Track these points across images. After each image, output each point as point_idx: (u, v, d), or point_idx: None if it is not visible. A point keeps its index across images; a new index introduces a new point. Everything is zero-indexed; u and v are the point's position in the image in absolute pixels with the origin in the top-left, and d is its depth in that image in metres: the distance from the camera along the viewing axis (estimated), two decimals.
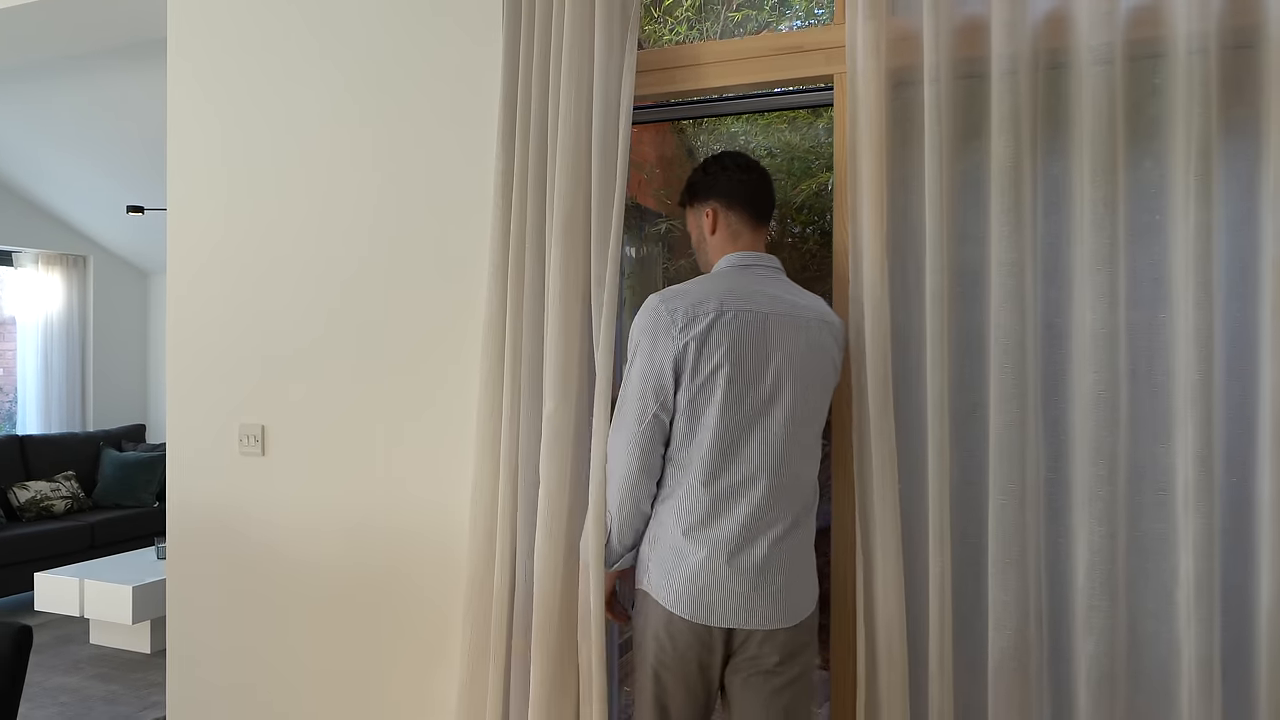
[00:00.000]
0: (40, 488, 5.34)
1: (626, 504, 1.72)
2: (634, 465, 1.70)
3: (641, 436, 1.70)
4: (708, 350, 1.66)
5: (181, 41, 2.59)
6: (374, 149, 2.34)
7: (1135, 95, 1.74)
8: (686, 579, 1.65)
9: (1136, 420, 1.74)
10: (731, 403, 1.67)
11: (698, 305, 1.68)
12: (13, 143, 5.59)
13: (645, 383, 1.69)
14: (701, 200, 1.86)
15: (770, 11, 2.90)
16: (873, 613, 1.83)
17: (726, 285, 1.73)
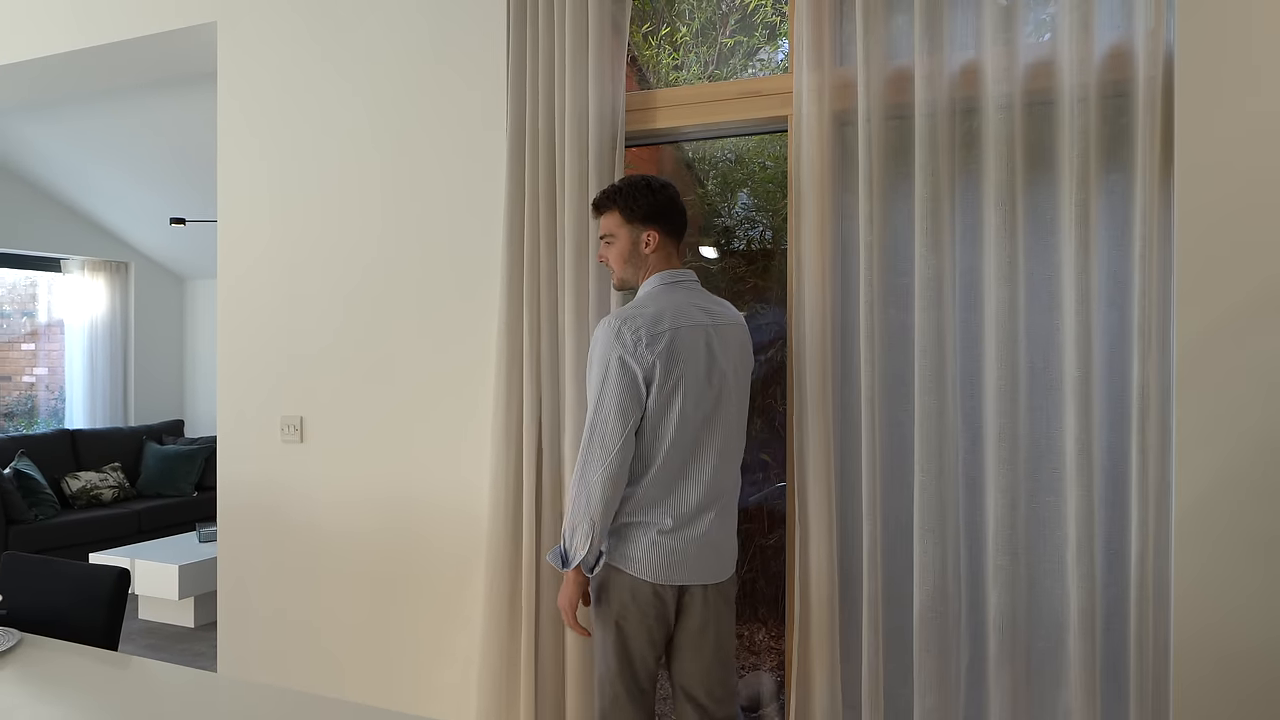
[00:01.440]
0: (90, 478, 5.77)
1: (607, 515, 1.93)
2: (613, 482, 1.91)
3: (621, 455, 1.91)
4: (670, 365, 1.93)
5: (230, 79, 2.97)
6: (398, 172, 2.70)
7: (1030, 136, 2.07)
8: (646, 552, 1.97)
9: (1034, 409, 2.08)
10: (687, 409, 1.96)
11: (655, 324, 1.94)
12: (63, 159, 6.02)
13: (622, 404, 1.91)
14: (646, 221, 2.07)
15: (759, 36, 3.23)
16: (807, 572, 2.17)
17: (670, 302, 2.00)
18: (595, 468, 1.92)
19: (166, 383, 7.41)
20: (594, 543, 1.94)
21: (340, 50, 2.79)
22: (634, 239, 2.08)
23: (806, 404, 2.17)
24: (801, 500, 2.20)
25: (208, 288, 7.48)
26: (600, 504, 1.91)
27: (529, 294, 2.46)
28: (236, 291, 2.97)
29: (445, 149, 2.63)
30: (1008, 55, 2.04)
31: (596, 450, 1.92)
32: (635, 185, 2.10)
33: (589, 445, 1.94)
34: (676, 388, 1.95)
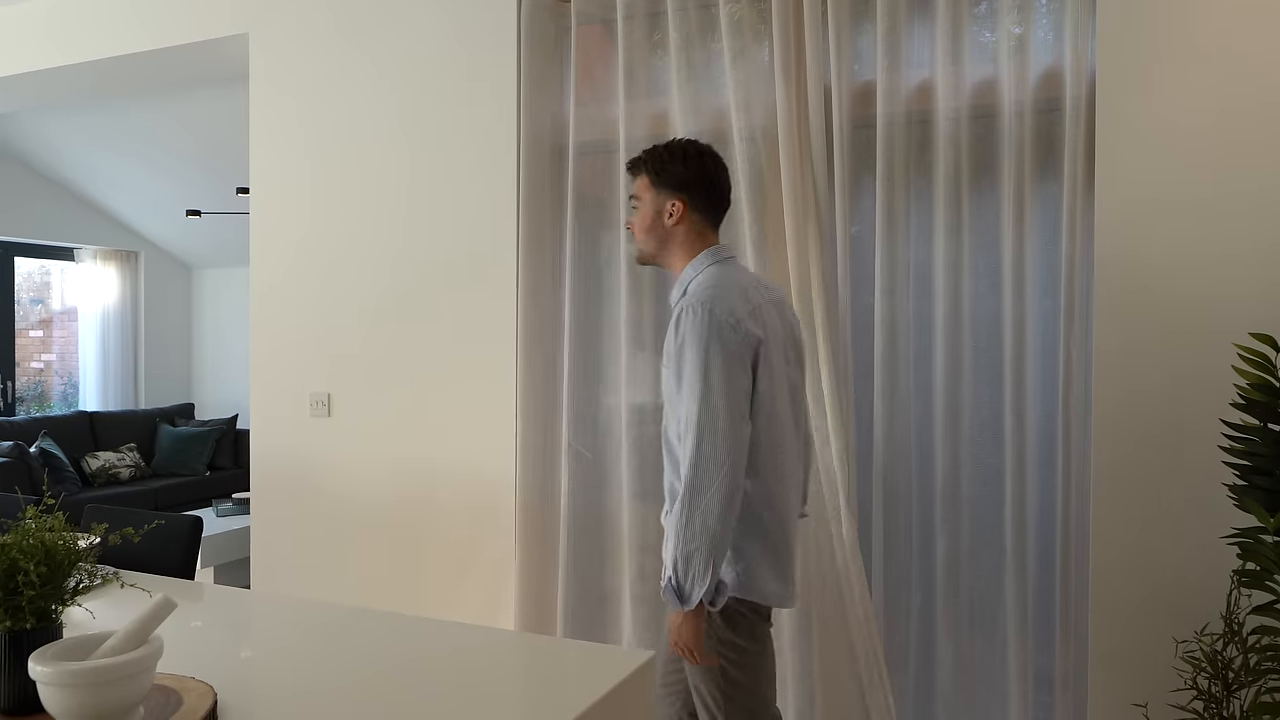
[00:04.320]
0: (108, 457, 6.06)
1: (725, 531, 1.63)
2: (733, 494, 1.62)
3: (739, 459, 1.63)
4: (770, 342, 1.72)
5: (261, 85, 3.25)
6: (420, 167, 3.00)
7: (975, 145, 2.38)
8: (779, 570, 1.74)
9: (978, 382, 2.40)
10: (789, 399, 1.77)
11: (744, 299, 1.72)
12: (78, 153, 6.27)
13: (732, 397, 1.64)
14: (675, 190, 1.83)
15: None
16: None
17: (737, 279, 1.77)
18: (712, 480, 1.61)
19: (175, 367, 7.68)
20: (715, 570, 1.63)
21: (364, 58, 3.07)
22: (658, 207, 1.85)
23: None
24: None
25: (214, 276, 7.74)
26: (720, 523, 1.61)
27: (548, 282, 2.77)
28: (268, 277, 3.26)
29: (464, 145, 2.93)
30: (956, 74, 2.36)
31: (709, 460, 1.62)
32: (671, 148, 1.87)
33: (699, 457, 1.62)
34: (773, 372, 1.74)
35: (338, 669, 1.41)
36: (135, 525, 2.14)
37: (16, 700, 1.17)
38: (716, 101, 2.65)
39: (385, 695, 1.31)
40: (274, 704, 1.26)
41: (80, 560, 1.19)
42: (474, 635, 1.58)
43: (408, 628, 1.63)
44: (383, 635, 1.59)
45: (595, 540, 2.74)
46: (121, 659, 1.06)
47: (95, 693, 1.05)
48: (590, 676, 1.36)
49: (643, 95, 2.74)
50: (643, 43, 2.73)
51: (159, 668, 1.32)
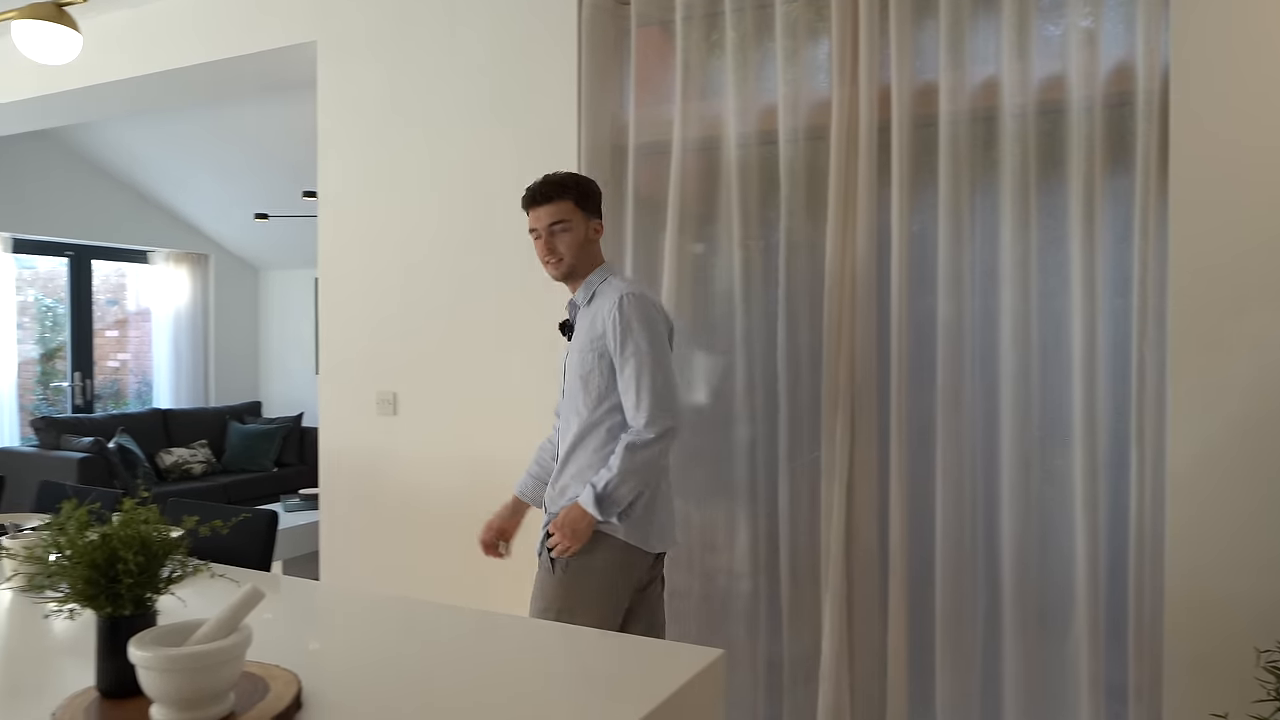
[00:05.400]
0: (181, 453, 6.27)
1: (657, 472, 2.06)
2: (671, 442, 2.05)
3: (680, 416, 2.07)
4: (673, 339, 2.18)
5: (328, 91, 3.34)
6: (480, 174, 3.05)
7: (1043, 142, 2.34)
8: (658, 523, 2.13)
9: (1046, 382, 2.36)
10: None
11: (657, 298, 2.19)
12: (150, 157, 6.50)
13: (671, 370, 2.08)
14: (596, 214, 2.22)
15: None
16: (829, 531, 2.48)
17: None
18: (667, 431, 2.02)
19: (242, 366, 7.91)
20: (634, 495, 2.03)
21: (427, 63, 3.14)
22: (588, 227, 2.19)
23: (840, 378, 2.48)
24: (829, 467, 2.50)
25: (280, 277, 7.95)
26: (654, 471, 2.04)
27: None
28: (336, 279, 3.34)
29: (526, 148, 2.97)
30: (1022, 70, 2.32)
31: (660, 412, 2.01)
32: (585, 179, 2.24)
33: (655, 408, 2.01)
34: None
35: (409, 660, 1.45)
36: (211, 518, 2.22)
37: (114, 682, 1.22)
38: (768, 101, 2.65)
39: (456, 686, 1.34)
40: (353, 692, 1.30)
41: (173, 551, 1.25)
42: (541, 630, 1.61)
43: (474, 621, 1.66)
44: (450, 628, 1.63)
45: None
46: (215, 646, 1.11)
47: (191, 678, 1.10)
48: (658, 674, 1.37)
49: (698, 96, 2.75)
50: (700, 43, 2.74)
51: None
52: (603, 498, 2.01)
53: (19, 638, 1.60)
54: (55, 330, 6.99)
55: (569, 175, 2.21)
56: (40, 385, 6.94)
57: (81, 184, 6.64)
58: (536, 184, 2.21)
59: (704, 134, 2.74)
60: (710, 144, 2.75)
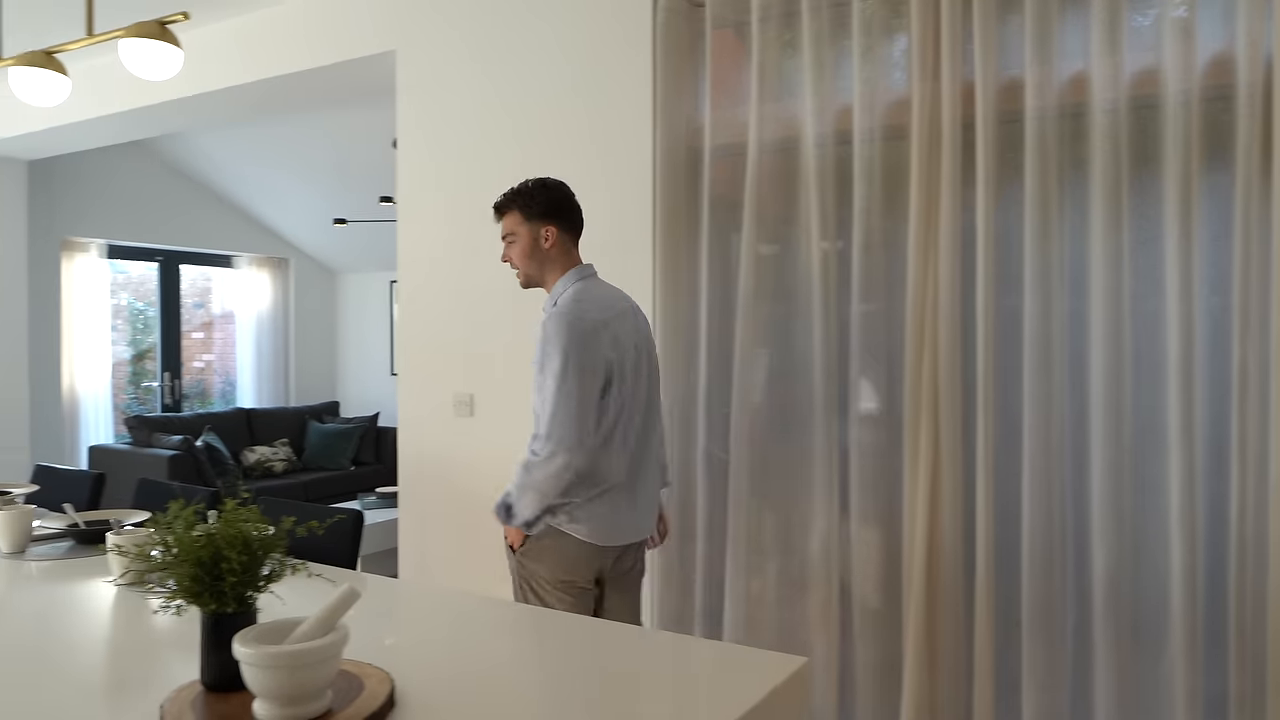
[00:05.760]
0: (264, 451, 6.47)
1: (558, 488, 2.05)
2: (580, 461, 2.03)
3: (581, 448, 2.03)
4: (618, 349, 2.11)
5: (408, 98, 3.41)
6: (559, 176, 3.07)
7: (1136, 137, 2.26)
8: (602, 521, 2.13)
9: (1139, 386, 2.28)
10: (635, 390, 2.17)
11: (599, 313, 2.11)
12: (237, 167, 6.73)
13: (587, 388, 2.04)
14: (544, 218, 2.19)
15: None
16: (913, 539, 2.43)
17: (595, 294, 2.17)
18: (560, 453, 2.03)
19: (321, 367, 8.13)
20: (534, 508, 2.09)
21: (504, 70, 3.18)
22: (534, 235, 2.20)
23: (923, 381, 2.43)
24: (912, 473, 2.46)
25: (356, 281, 8.15)
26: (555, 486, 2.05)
27: (684, 285, 2.80)
28: (414, 283, 3.41)
29: (601, 152, 2.99)
30: (1114, 64, 2.24)
31: (557, 438, 2.03)
32: (531, 185, 2.24)
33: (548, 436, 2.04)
34: (624, 367, 2.13)
35: (495, 660, 1.47)
36: (297, 516, 2.28)
37: (218, 676, 1.27)
38: (844, 101, 2.62)
39: (541, 688, 1.35)
40: (444, 692, 1.32)
41: (273, 550, 1.29)
42: (624, 633, 1.61)
43: (557, 622, 1.68)
44: (533, 629, 1.65)
45: (738, 543, 2.73)
46: (315, 644, 1.14)
47: (292, 675, 1.13)
48: (743, 682, 1.37)
49: (774, 97, 2.73)
50: (775, 44, 2.72)
51: None
52: (509, 507, 2.15)
53: (125, 631, 1.67)
54: (145, 332, 7.28)
55: (516, 187, 2.25)
56: (131, 385, 7.24)
57: (170, 192, 6.91)
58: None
59: (780, 135, 2.72)
60: (786, 145, 2.72)
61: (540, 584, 2.17)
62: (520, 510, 2.12)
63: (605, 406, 2.11)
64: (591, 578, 2.18)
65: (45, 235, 6.15)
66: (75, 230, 6.36)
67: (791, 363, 2.72)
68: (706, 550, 2.80)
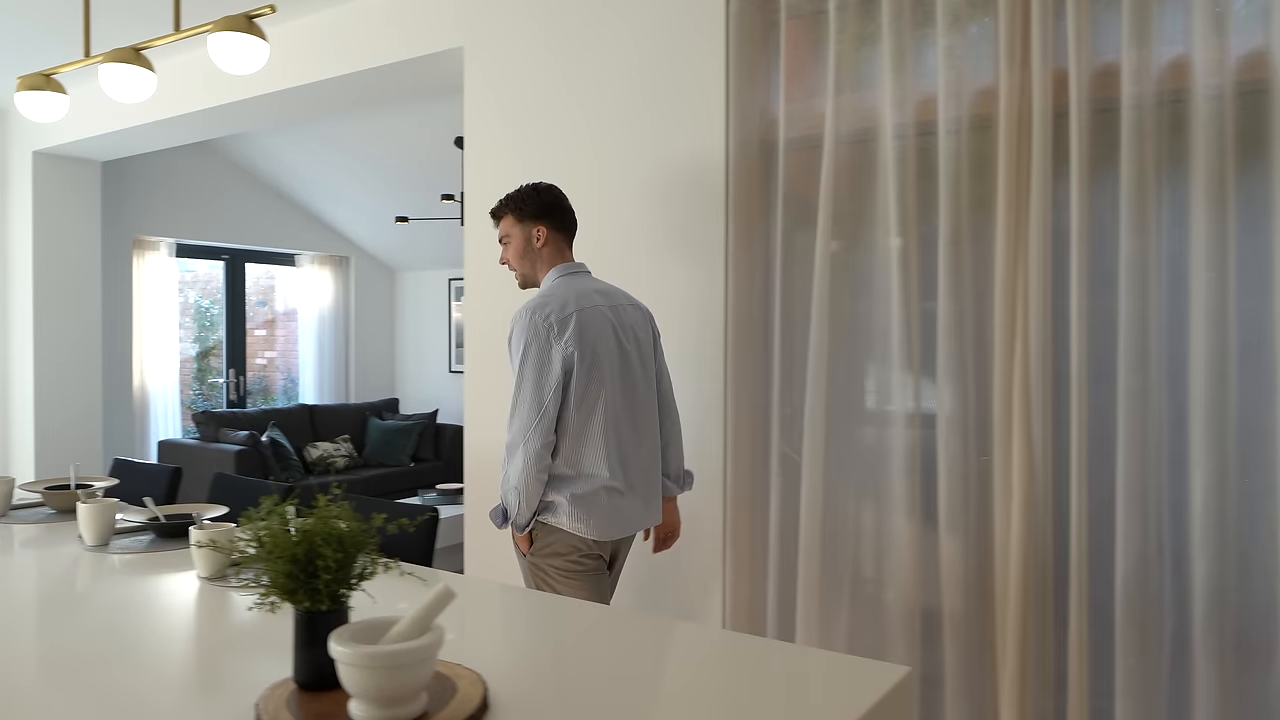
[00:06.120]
0: (326, 447, 6.55)
1: (533, 482, 2.17)
2: (538, 457, 2.15)
3: (544, 433, 2.15)
4: (582, 344, 2.17)
5: (475, 95, 3.40)
6: (626, 177, 3.04)
7: (1242, 125, 2.15)
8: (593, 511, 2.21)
9: (1244, 387, 2.16)
10: (617, 377, 2.25)
11: (562, 310, 2.19)
12: (300, 165, 6.82)
13: (541, 382, 2.15)
14: (535, 219, 2.34)
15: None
16: (1008, 545, 2.34)
17: (571, 289, 2.27)
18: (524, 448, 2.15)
19: (380, 364, 8.22)
20: (523, 509, 2.19)
21: (574, 64, 3.15)
22: (527, 235, 2.34)
23: (1014, 382, 2.34)
24: (1005, 475, 2.37)
25: (415, 279, 8.22)
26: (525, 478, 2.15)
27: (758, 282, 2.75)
28: (481, 282, 3.40)
29: (672, 147, 2.94)
30: (1218, 47, 2.13)
31: (518, 431, 2.15)
32: (523, 189, 2.38)
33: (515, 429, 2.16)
34: (596, 366, 2.20)
35: (584, 662, 1.44)
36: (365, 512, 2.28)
37: (311, 675, 1.25)
38: (926, 92, 2.54)
39: (633, 691, 1.31)
40: (539, 694, 1.29)
41: (366, 548, 1.27)
42: (714, 637, 1.57)
43: (642, 625, 1.64)
44: (613, 630, 1.61)
45: (811, 545, 2.67)
46: (414, 644, 1.12)
47: (390, 675, 1.11)
48: (847, 691, 1.31)
49: (851, 88, 2.66)
50: (853, 33, 2.65)
51: None
52: (504, 512, 2.26)
53: (210, 626, 1.67)
54: (210, 329, 7.43)
55: (510, 192, 2.39)
56: (196, 381, 7.40)
57: (236, 191, 7.04)
58: None
59: (857, 127, 2.65)
60: (863, 137, 2.65)
61: (554, 575, 2.25)
62: (511, 511, 2.23)
63: (580, 399, 2.20)
64: (604, 557, 2.29)
65: (118, 234, 6.30)
66: (145, 229, 6.51)
67: (868, 363, 2.65)
68: (779, 551, 2.74)
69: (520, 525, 2.23)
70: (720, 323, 2.83)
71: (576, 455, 2.22)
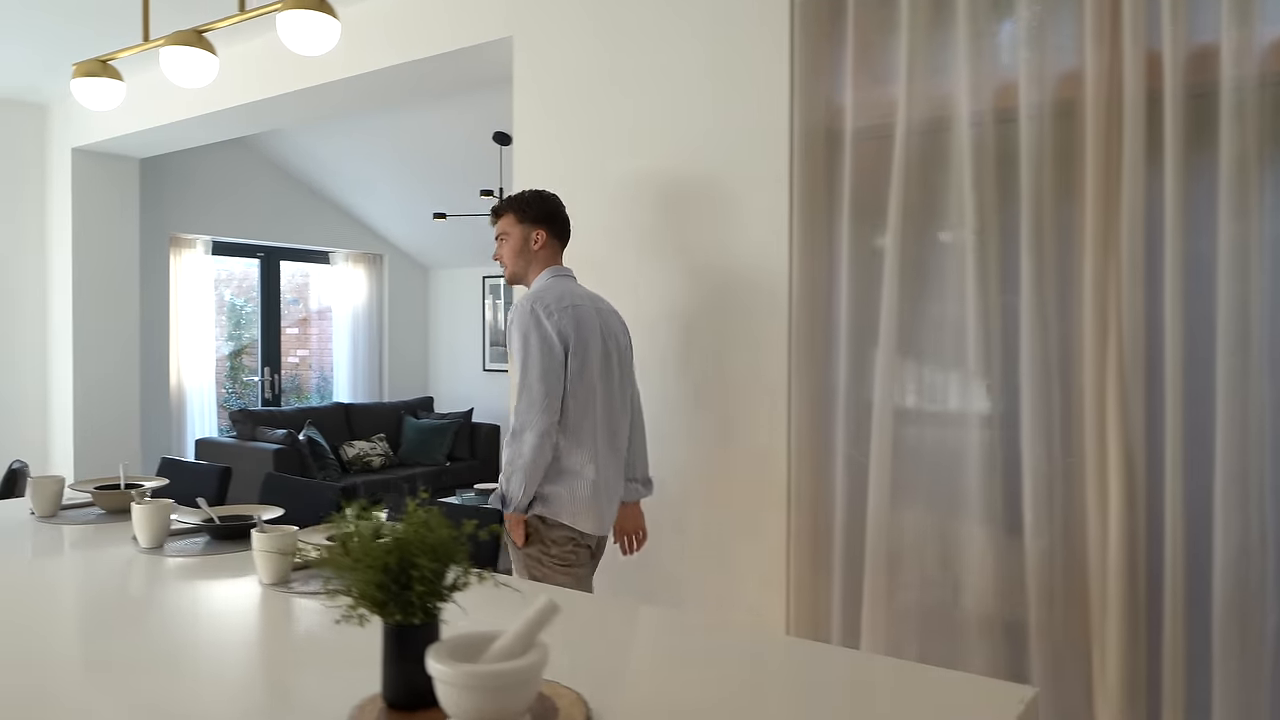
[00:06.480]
0: (362, 446, 6.51)
1: (540, 461, 2.26)
2: (546, 429, 2.25)
3: (551, 406, 2.26)
4: (579, 333, 2.32)
5: (525, 85, 3.32)
6: (686, 165, 2.94)
7: None
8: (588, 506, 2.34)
9: None
10: (602, 376, 2.38)
11: (560, 301, 2.34)
12: (332, 161, 6.78)
13: (546, 370, 2.26)
14: (536, 222, 2.48)
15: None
16: (1105, 540, 2.22)
17: (564, 287, 2.42)
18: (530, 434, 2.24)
19: (414, 362, 8.18)
20: (526, 490, 2.28)
21: (627, 53, 3.06)
22: (525, 236, 2.47)
23: (1107, 380, 2.23)
24: (1099, 476, 2.25)
25: (449, 276, 8.16)
26: (532, 460, 2.24)
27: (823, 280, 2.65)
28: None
29: (732, 138, 2.84)
30: None
31: (525, 412, 2.25)
32: (528, 193, 2.53)
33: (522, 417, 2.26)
34: (586, 353, 2.35)
35: (691, 679, 1.35)
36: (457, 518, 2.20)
37: (402, 692, 1.16)
38: (1004, 77, 2.42)
39: (748, 711, 1.22)
40: (642, 715, 1.20)
41: (457, 556, 1.18)
42: (821, 653, 1.47)
43: (748, 638, 1.54)
44: (723, 644, 1.52)
45: (878, 551, 2.56)
46: (519, 663, 1.03)
47: (495, 696, 1.02)
48: (977, 712, 1.21)
49: (925, 74, 2.55)
50: (926, 17, 2.54)
51: None
52: (502, 495, 2.32)
53: (277, 635, 1.59)
54: (243, 327, 7.41)
55: (515, 194, 2.55)
56: (229, 379, 7.39)
57: (272, 189, 7.01)
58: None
59: (931, 115, 2.53)
60: (937, 125, 2.53)
61: (553, 567, 2.35)
62: (512, 493, 2.29)
63: (573, 393, 2.31)
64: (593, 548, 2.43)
65: (155, 232, 6.29)
66: (182, 226, 6.50)
67: (941, 361, 2.54)
68: (844, 558, 2.64)
69: (522, 508, 2.30)
70: (784, 319, 2.73)
71: (571, 450, 2.33)
